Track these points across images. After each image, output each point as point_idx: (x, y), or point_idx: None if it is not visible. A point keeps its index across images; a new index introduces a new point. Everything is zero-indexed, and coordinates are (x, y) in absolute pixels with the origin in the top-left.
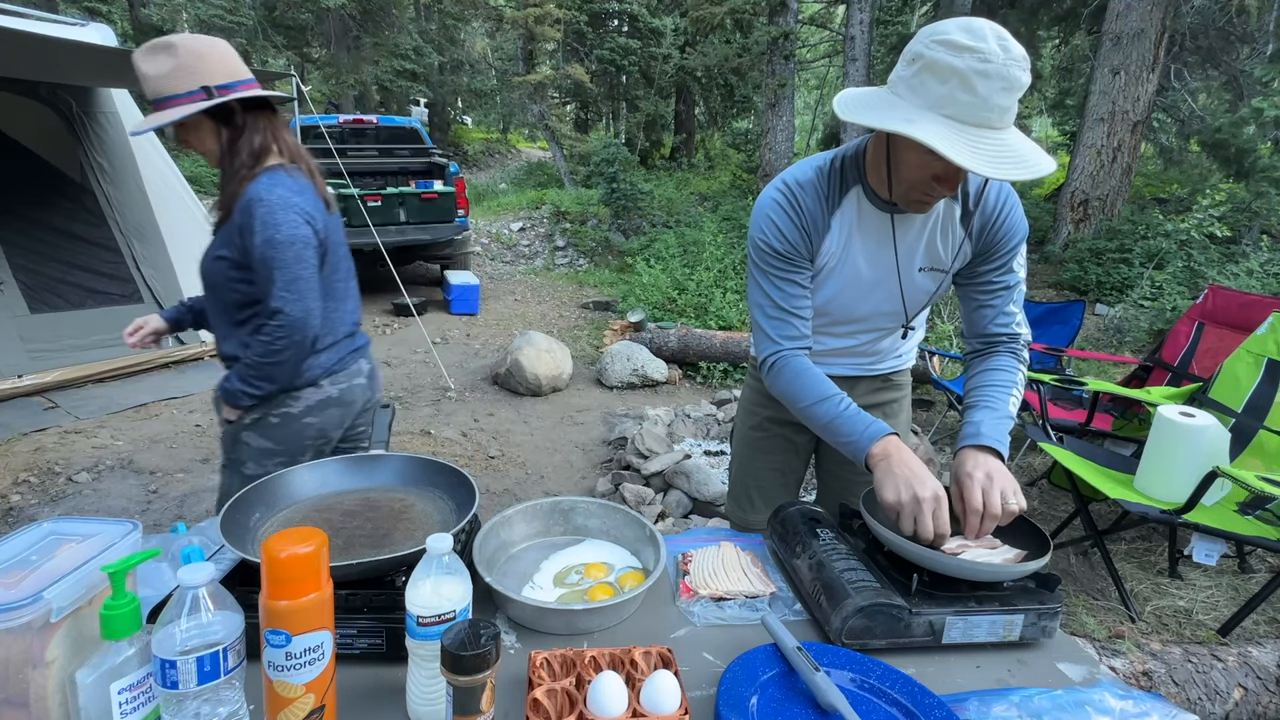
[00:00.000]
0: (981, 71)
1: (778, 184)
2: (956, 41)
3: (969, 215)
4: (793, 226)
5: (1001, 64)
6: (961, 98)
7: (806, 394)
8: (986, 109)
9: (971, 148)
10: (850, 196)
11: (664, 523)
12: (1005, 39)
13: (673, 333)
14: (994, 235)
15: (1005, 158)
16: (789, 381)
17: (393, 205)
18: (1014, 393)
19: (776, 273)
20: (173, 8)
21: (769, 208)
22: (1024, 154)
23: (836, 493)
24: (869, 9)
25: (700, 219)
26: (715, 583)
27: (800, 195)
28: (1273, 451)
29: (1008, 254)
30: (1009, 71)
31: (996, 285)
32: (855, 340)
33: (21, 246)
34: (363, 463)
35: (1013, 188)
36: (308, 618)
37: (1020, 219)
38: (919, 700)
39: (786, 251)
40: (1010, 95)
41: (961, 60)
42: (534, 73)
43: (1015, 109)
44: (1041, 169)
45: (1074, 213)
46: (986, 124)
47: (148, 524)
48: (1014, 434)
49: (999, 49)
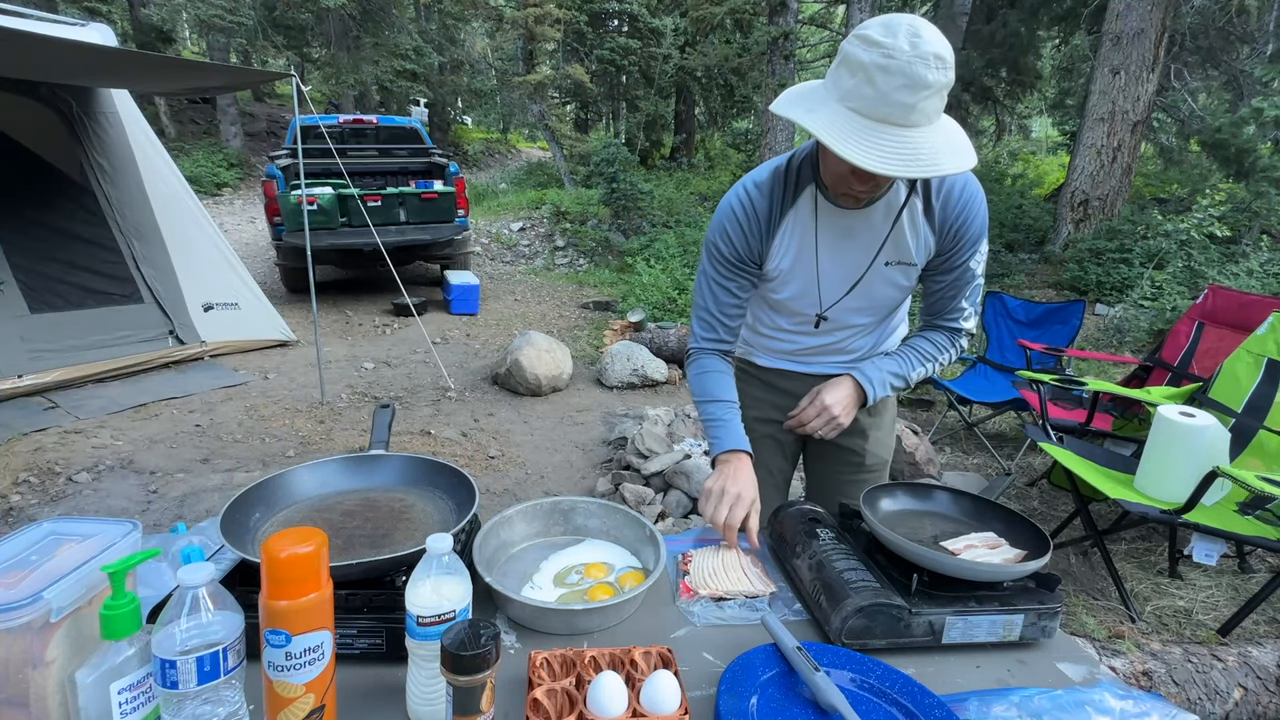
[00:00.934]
0: (883, 67)
1: (738, 188)
2: (869, 36)
3: (930, 208)
4: (741, 234)
5: (905, 61)
6: (865, 91)
7: (702, 391)
8: (887, 104)
9: (863, 141)
10: (805, 195)
11: (664, 523)
12: (919, 37)
13: (673, 333)
14: (955, 231)
15: (899, 154)
16: (695, 376)
17: (393, 205)
18: (925, 363)
19: (717, 275)
20: (173, 8)
21: (725, 213)
22: (924, 153)
23: (825, 493)
24: (869, 9)
25: (700, 219)
26: (715, 583)
27: (756, 197)
28: (1273, 451)
29: (967, 249)
30: (912, 69)
31: (952, 280)
32: (835, 337)
33: (21, 246)
34: (363, 463)
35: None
36: (308, 618)
37: (981, 216)
38: (919, 700)
39: (732, 256)
40: (913, 93)
41: (868, 55)
42: (534, 73)
43: (929, 108)
44: (941, 168)
45: (1074, 213)
46: (888, 119)
47: (148, 524)
48: (1013, 434)
49: (907, 46)
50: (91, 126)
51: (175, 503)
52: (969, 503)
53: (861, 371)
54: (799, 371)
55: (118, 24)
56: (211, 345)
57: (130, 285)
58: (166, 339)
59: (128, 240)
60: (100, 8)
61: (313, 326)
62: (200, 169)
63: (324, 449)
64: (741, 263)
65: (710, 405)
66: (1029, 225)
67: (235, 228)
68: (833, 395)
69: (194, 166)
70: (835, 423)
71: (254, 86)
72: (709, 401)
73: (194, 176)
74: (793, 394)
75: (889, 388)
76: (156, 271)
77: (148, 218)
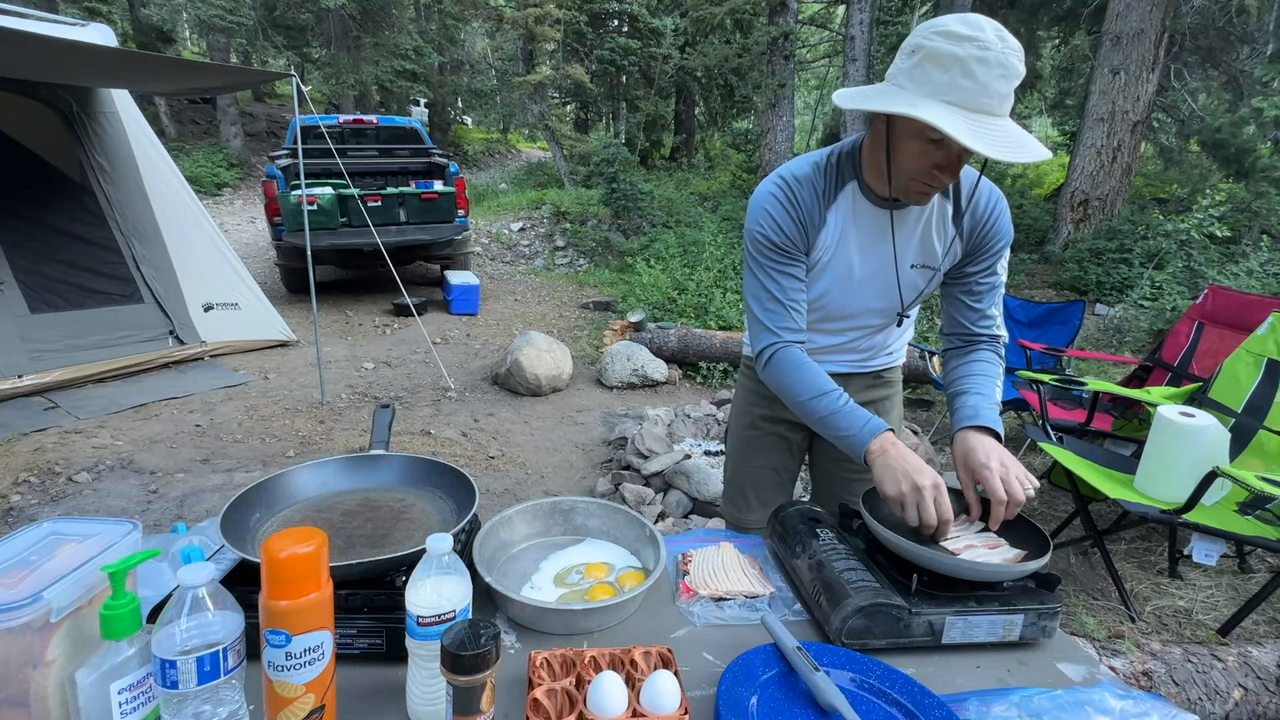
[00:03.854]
0: (981, 59)
1: (774, 178)
2: (956, 32)
3: (960, 214)
4: (789, 219)
5: (1000, 52)
6: (963, 84)
7: (804, 388)
8: (987, 95)
9: (974, 130)
10: (846, 192)
11: (664, 523)
12: (1001, 30)
13: (673, 333)
14: (983, 236)
15: (1006, 141)
16: (787, 374)
17: (393, 205)
18: (998, 384)
19: (773, 265)
20: (173, 8)
21: (766, 201)
22: (1023, 140)
23: (831, 491)
24: (869, 9)
25: (700, 219)
26: (715, 583)
27: (797, 189)
28: (1273, 451)
29: (994, 256)
30: (1007, 59)
31: (982, 287)
32: (847, 337)
33: (21, 246)
34: (363, 463)
35: (1003, 194)
36: (308, 618)
37: (1007, 223)
38: (919, 700)
39: (783, 244)
40: (1009, 82)
41: (962, 49)
42: (534, 73)
43: (1012, 99)
44: (1039, 154)
45: (1074, 213)
46: (987, 110)
47: (148, 524)
48: (1012, 434)
49: (996, 38)
50: (91, 126)
51: (175, 503)
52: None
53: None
54: None
55: (118, 24)
56: (211, 345)
57: (130, 285)
58: (166, 339)
59: (128, 240)
60: (100, 8)
61: (313, 326)
62: (200, 169)
63: (324, 449)
64: (794, 248)
65: (821, 399)
66: (1029, 225)
67: (235, 228)
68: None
69: (194, 166)
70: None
71: (254, 86)
72: (819, 395)
73: (194, 176)
74: None
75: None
76: (156, 271)
77: (148, 218)
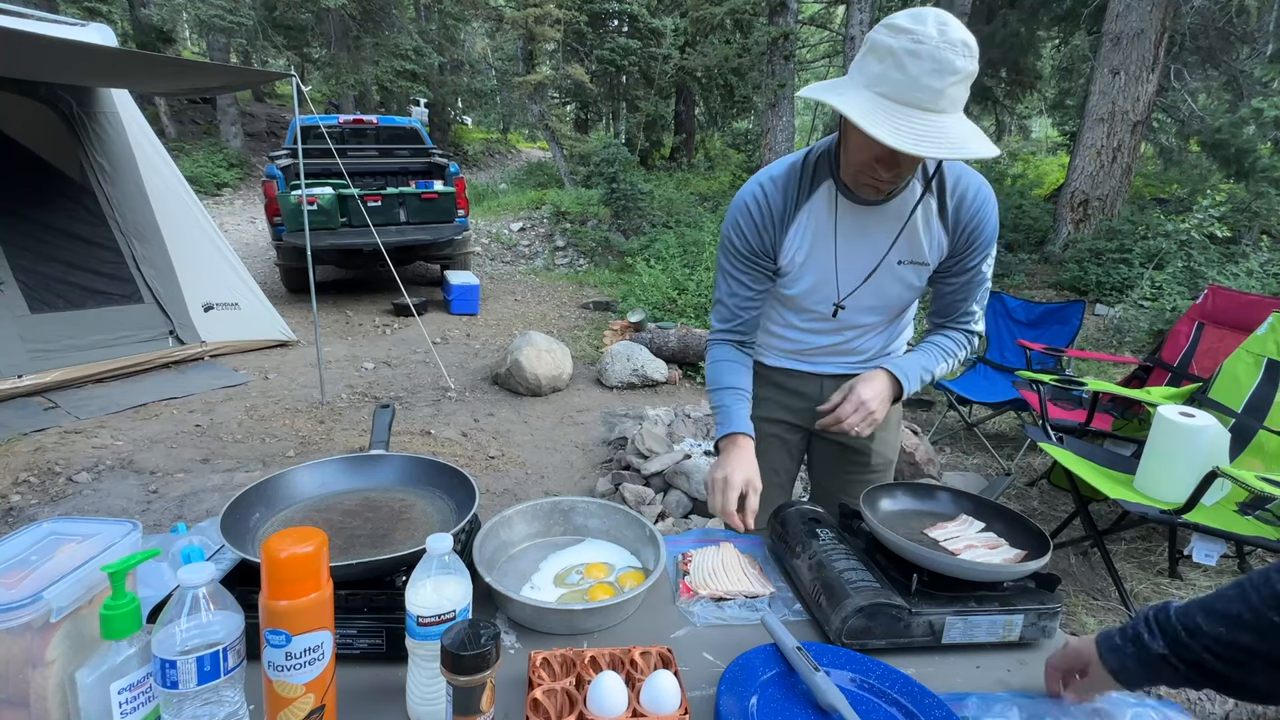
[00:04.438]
0: (913, 51)
1: (753, 182)
2: (898, 24)
3: (945, 209)
4: (755, 228)
5: (934, 46)
6: (894, 76)
7: (712, 380)
8: (916, 88)
9: (893, 123)
10: (821, 190)
11: (664, 523)
12: (946, 25)
13: (673, 333)
14: (968, 232)
15: (928, 136)
16: (711, 363)
17: (393, 205)
18: (946, 359)
19: (732, 268)
20: (173, 8)
21: (739, 207)
22: (953, 137)
23: (830, 492)
24: (869, 9)
25: (700, 219)
26: (715, 583)
27: (771, 192)
28: (1273, 451)
29: (980, 253)
30: (941, 54)
31: (963, 282)
32: (843, 336)
33: (21, 246)
34: (363, 463)
35: (992, 191)
36: (308, 618)
37: (994, 220)
38: (919, 700)
39: (745, 250)
40: (941, 78)
41: (896, 41)
42: (534, 73)
43: (956, 95)
44: (971, 151)
45: (1074, 213)
46: (918, 104)
47: (148, 524)
48: (1012, 434)
49: (935, 33)
50: (91, 126)
51: (175, 503)
52: (969, 503)
53: (894, 365)
54: (808, 371)
55: (118, 24)
56: (211, 345)
57: (130, 285)
58: (166, 339)
59: (128, 240)
60: (100, 8)
61: (313, 326)
62: (200, 169)
63: (324, 449)
64: (754, 255)
65: (716, 393)
66: (1029, 225)
67: (235, 228)
68: (869, 389)
69: (194, 166)
70: (872, 418)
71: (254, 86)
72: (715, 390)
73: (194, 176)
74: (801, 394)
75: (920, 381)
76: (156, 271)
77: (148, 218)
